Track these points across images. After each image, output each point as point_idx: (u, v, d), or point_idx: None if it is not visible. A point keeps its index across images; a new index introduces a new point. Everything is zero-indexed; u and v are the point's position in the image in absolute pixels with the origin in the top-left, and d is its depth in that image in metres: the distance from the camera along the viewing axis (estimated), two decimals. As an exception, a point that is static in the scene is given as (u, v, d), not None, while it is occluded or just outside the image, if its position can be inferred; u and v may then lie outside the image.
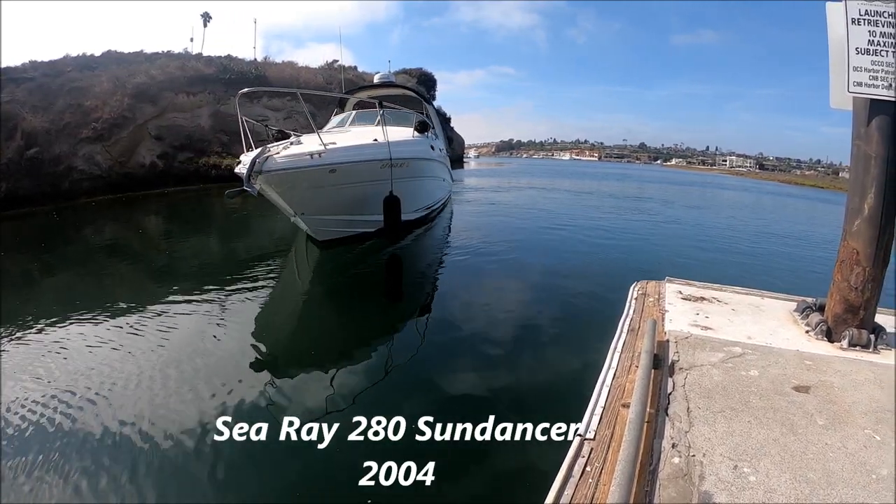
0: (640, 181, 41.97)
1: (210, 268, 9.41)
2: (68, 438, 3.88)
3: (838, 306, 3.36)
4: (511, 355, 5.26)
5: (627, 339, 3.36)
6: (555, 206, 18.18)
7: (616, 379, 2.84)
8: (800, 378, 2.73)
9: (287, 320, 6.66)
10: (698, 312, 3.80)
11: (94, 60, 23.46)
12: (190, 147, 24.04)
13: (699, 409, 2.40)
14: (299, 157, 7.77)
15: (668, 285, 4.53)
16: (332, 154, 8.05)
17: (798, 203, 32.54)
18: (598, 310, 6.34)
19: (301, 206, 8.34)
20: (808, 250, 11.55)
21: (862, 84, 3.16)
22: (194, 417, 4.11)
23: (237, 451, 3.64)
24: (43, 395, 4.55)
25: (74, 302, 7.09)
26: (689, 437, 2.20)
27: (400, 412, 3.89)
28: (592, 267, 8.61)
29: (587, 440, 2.31)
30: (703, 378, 2.71)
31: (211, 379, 4.78)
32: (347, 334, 6.29)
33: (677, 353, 3.01)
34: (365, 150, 8.74)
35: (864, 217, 3.20)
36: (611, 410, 2.53)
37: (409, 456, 3.43)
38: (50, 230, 13.83)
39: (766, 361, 2.92)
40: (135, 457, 3.65)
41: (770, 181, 78.04)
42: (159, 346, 5.57)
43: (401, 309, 7.12)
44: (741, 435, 2.21)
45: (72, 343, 5.75)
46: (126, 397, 4.48)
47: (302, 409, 4.21)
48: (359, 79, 35.67)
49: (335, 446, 3.64)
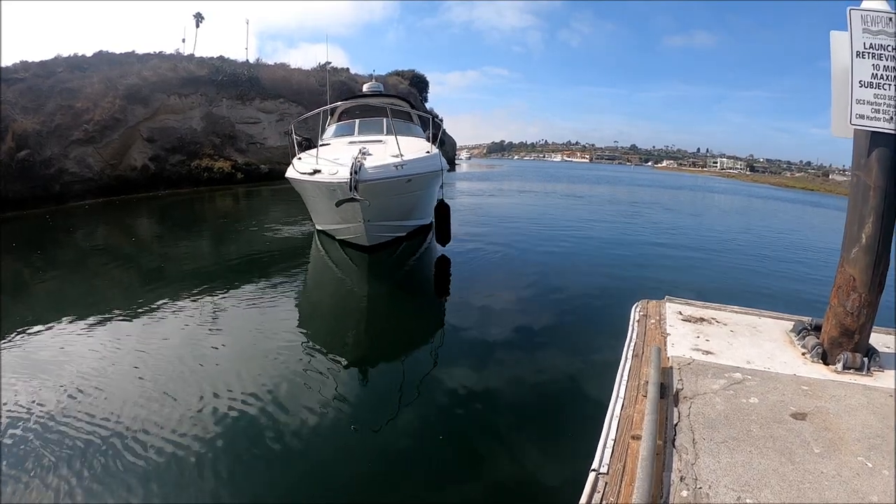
0: (631, 185, 41.96)
1: (221, 268, 9.60)
2: (63, 440, 3.93)
3: (834, 330, 3.45)
4: (516, 371, 5.31)
5: (633, 366, 3.42)
6: (549, 214, 18.10)
7: (624, 409, 2.90)
8: (797, 404, 2.84)
9: (356, 323, 6.98)
10: (699, 335, 3.88)
11: (86, 61, 23.29)
12: (182, 149, 23.99)
13: (704, 441, 2.49)
14: (386, 167, 8.29)
15: (668, 305, 4.60)
16: (411, 165, 8.78)
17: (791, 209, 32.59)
18: (602, 325, 6.44)
19: (373, 213, 8.51)
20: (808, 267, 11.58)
21: (864, 117, 3.22)
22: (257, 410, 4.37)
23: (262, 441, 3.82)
24: (40, 396, 4.61)
25: (91, 305, 7.19)
26: (695, 469, 2.29)
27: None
28: (591, 280, 8.61)
29: (601, 475, 2.35)
30: (707, 407, 2.80)
31: (260, 375, 5.05)
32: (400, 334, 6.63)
33: (681, 381, 3.11)
34: (428, 161, 9.55)
35: (861, 245, 3.28)
36: (621, 443, 2.57)
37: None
38: (45, 232, 13.77)
39: (765, 388, 3.02)
40: (136, 457, 3.72)
41: (762, 183, 78.30)
42: (207, 346, 5.81)
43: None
44: (743, 466, 2.30)
45: (71, 345, 5.85)
46: (139, 397, 4.56)
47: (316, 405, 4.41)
48: (351, 80, 35.60)
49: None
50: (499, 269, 9.35)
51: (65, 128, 19.56)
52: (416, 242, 10.63)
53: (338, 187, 7.75)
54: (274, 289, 8.03)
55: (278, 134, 29.06)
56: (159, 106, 23.98)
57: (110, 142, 21.07)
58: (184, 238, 13.33)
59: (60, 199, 18.09)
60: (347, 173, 7.51)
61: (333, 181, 7.90)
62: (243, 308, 7.19)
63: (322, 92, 29.50)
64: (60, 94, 20.21)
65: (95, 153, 20.27)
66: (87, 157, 19.88)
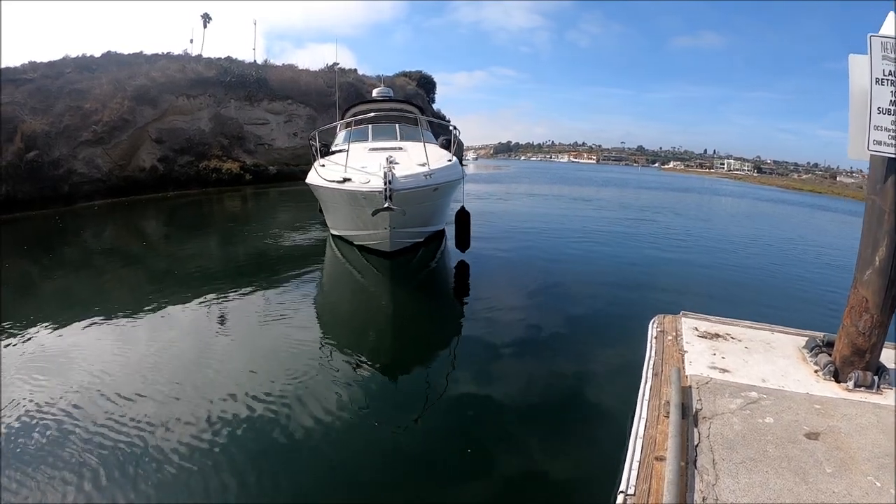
0: (639, 188, 41.75)
1: (234, 270, 9.71)
2: (71, 439, 3.97)
3: (846, 349, 3.53)
4: (533, 380, 5.32)
5: (653, 385, 3.54)
6: (560, 219, 17.94)
7: (647, 430, 3.00)
8: (810, 424, 2.94)
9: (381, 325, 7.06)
10: (714, 352, 4.00)
11: (94, 62, 23.43)
12: (190, 150, 24.08)
13: (723, 461, 2.60)
14: (416, 177, 8.41)
15: (683, 320, 4.70)
16: (438, 174, 8.90)
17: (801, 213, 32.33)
18: (616, 335, 6.47)
19: (399, 221, 8.52)
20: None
21: (881, 143, 3.26)
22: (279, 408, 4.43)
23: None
24: (48, 395, 4.65)
25: (101, 305, 7.26)
26: (716, 490, 2.40)
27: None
28: (604, 290, 8.55)
29: (629, 496, 2.45)
30: (725, 428, 2.92)
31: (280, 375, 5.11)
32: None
33: (700, 401, 3.22)
34: (452, 170, 9.68)
35: (875, 268, 3.32)
36: (646, 464, 2.68)
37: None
38: (54, 233, 13.87)
39: (779, 407, 3.14)
40: (145, 457, 3.74)
41: (769, 186, 77.61)
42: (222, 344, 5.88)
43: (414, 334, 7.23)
44: (760, 486, 2.42)
45: (80, 344, 5.94)
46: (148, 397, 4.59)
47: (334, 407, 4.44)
48: (358, 81, 35.64)
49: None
50: (514, 277, 9.38)
51: (73, 128, 19.67)
52: (433, 248, 10.74)
53: (372, 196, 7.78)
54: (289, 292, 8.10)
55: (286, 135, 29.15)
56: (168, 107, 24.07)
57: (119, 143, 21.17)
58: (193, 238, 13.47)
59: (69, 200, 18.18)
60: (380, 183, 7.52)
61: (366, 190, 7.95)
62: (259, 309, 7.28)
63: (330, 93, 29.58)
64: (69, 95, 20.31)
65: (104, 154, 20.38)
66: (95, 158, 19.99)
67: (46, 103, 19.36)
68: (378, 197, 7.48)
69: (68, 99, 20.16)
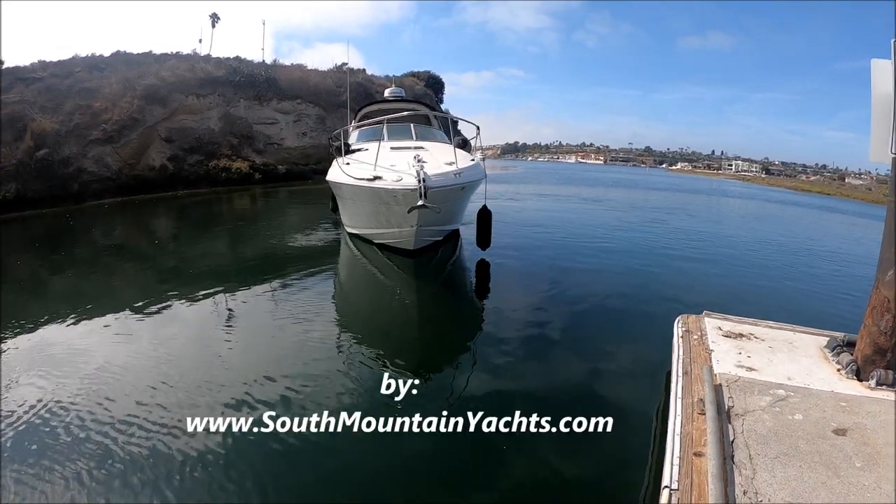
0: (647, 189, 41.42)
1: (247, 268, 9.69)
2: (79, 436, 3.91)
3: (868, 348, 3.69)
4: (558, 377, 5.28)
5: (684, 384, 3.66)
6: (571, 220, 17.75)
7: (683, 427, 3.12)
8: (837, 420, 3.11)
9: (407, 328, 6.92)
10: (740, 351, 4.16)
11: (103, 61, 23.50)
12: (200, 150, 24.03)
13: (759, 456, 2.75)
14: (447, 175, 8.55)
15: (707, 320, 4.85)
16: (466, 174, 9.12)
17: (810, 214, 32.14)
18: (637, 334, 6.47)
19: (427, 219, 8.53)
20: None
21: None
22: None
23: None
24: (56, 393, 4.60)
25: (112, 302, 7.22)
26: (754, 483, 2.54)
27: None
28: (621, 289, 8.47)
29: (673, 491, 2.58)
30: (757, 424, 3.06)
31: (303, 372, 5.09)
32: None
33: (731, 398, 3.36)
34: (476, 170, 9.86)
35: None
36: (686, 459, 2.80)
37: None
38: (65, 232, 13.85)
39: (807, 404, 3.30)
40: (152, 456, 3.69)
41: (778, 187, 76.98)
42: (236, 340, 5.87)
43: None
44: (796, 479, 2.56)
45: (89, 341, 5.87)
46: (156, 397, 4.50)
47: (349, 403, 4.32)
48: (367, 81, 35.67)
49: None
50: (532, 276, 9.31)
51: (83, 127, 19.66)
52: (450, 246, 10.80)
53: (407, 194, 7.79)
54: (305, 290, 8.00)
55: (296, 135, 29.13)
56: (177, 106, 24.05)
57: (129, 141, 21.13)
58: (205, 237, 13.39)
59: (78, 199, 18.15)
60: (412, 181, 7.63)
61: (400, 188, 7.94)
62: (275, 308, 7.21)
63: (339, 93, 29.62)
64: (79, 94, 20.33)
65: (114, 153, 20.35)
66: (105, 157, 19.97)
67: (56, 102, 19.38)
68: (413, 195, 7.53)
69: (78, 98, 20.16)
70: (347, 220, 11.34)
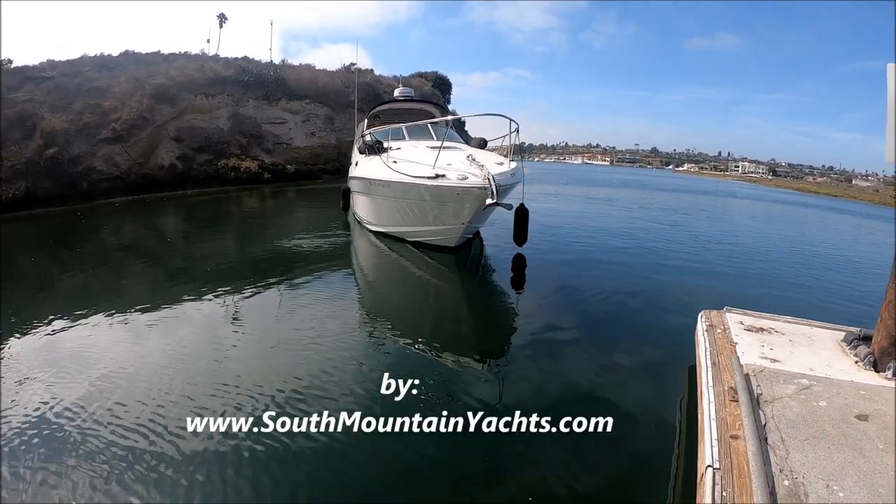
0: (654, 190, 41.25)
1: (261, 267, 9.52)
2: (85, 436, 3.88)
3: (884, 340, 3.90)
4: (589, 368, 5.39)
5: (713, 374, 3.82)
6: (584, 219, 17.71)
7: (717, 412, 3.28)
8: (859, 407, 3.31)
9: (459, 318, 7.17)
10: (763, 344, 4.37)
11: (112, 60, 23.60)
12: (209, 149, 24.02)
13: (790, 439, 2.95)
14: (504, 175, 8.83)
15: (728, 315, 5.09)
16: (518, 173, 9.73)
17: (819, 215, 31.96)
18: (661, 331, 6.52)
19: (477, 217, 9.02)
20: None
21: None
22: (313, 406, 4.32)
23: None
24: (64, 392, 4.57)
25: (124, 301, 7.12)
26: (788, 462, 2.74)
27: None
28: (641, 285, 8.56)
29: (716, 470, 2.74)
30: (786, 410, 3.26)
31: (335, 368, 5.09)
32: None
33: (759, 387, 3.56)
34: (518, 170, 10.10)
35: None
36: (724, 441, 2.97)
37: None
38: (75, 230, 13.83)
39: (829, 392, 3.50)
40: (159, 456, 3.65)
41: (785, 188, 76.58)
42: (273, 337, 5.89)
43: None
44: (826, 459, 2.77)
45: (96, 340, 5.83)
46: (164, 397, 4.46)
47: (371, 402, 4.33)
48: (375, 82, 35.70)
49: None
50: (559, 272, 9.46)
51: (93, 126, 19.66)
52: (477, 243, 11.18)
53: (479, 193, 8.07)
54: (314, 290, 7.92)
55: (304, 134, 29.12)
56: (186, 106, 24.07)
57: (138, 141, 21.13)
58: (216, 235, 13.36)
59: (88, 197, 18.12)
60: (479, 180, 8.03)
61: (472, 186, 8.16)
62: (281, 307, 7.15)
63: (347, 93, 29.62)
64: (88, 93, 20.37)
65: (123, 152, 20.35)
66: (114, 156, 19.97)
67: (66, 101, 19.40)
68: (484, 193, 7.91)
69: (87, 97, 20.19)
70: (375, 218, 11.36)
